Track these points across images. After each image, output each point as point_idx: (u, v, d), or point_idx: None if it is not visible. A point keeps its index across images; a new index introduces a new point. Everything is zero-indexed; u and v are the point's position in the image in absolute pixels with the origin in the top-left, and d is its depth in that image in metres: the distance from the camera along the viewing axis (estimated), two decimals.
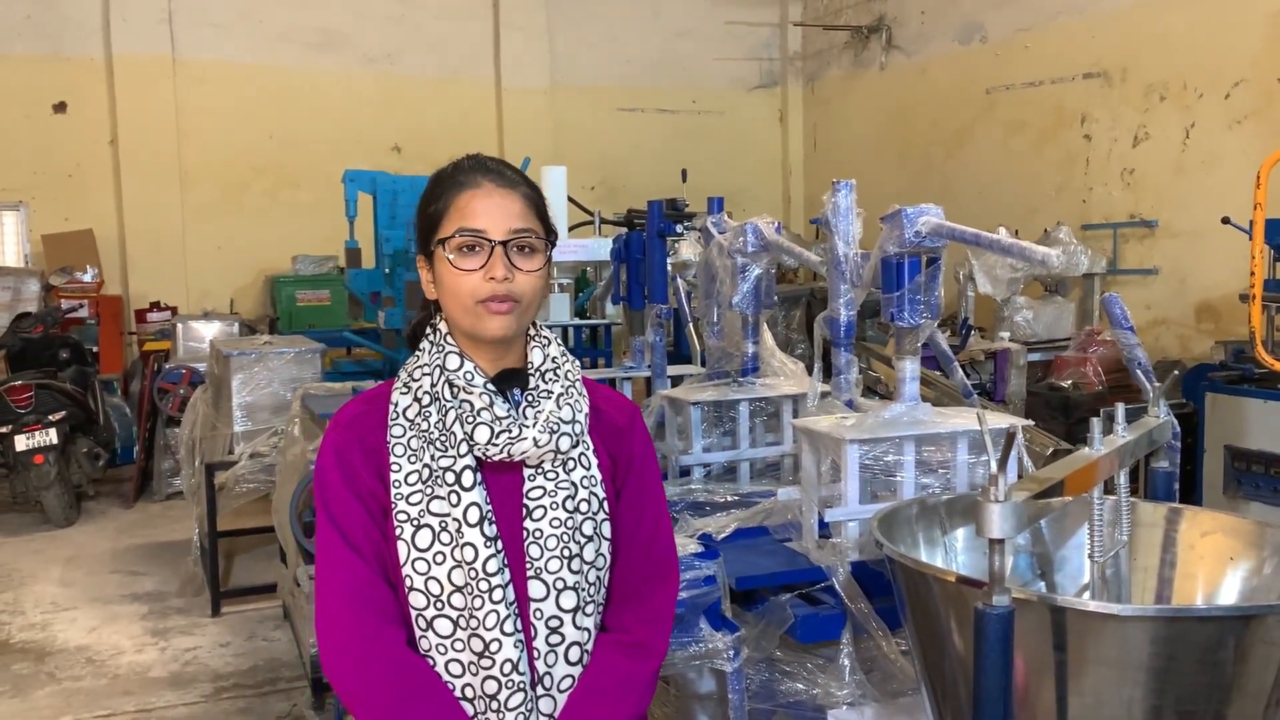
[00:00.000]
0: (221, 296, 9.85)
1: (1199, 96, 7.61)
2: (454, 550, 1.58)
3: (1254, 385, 5.49)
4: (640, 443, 1.77)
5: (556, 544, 1.61)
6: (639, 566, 1.71)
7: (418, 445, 1.62)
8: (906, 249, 2.52)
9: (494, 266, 1.59)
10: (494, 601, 1.57)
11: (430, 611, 1.58)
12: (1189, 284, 7.72)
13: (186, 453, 5.90)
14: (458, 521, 1.58)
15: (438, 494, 1.59)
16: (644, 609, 1.71)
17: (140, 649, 4.81)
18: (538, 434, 1.61)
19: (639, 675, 1.67)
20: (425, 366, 1.67)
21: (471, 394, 1.61)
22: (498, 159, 1.72)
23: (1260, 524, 2.08)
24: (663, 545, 1.75)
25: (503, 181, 1.65)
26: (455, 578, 1.58)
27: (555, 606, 1.61)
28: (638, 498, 1.73)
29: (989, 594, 1.52)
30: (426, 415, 1.63)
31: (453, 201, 1.64)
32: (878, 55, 10.81)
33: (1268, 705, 1.72)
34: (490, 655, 1.57)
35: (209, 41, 9.93)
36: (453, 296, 1.62)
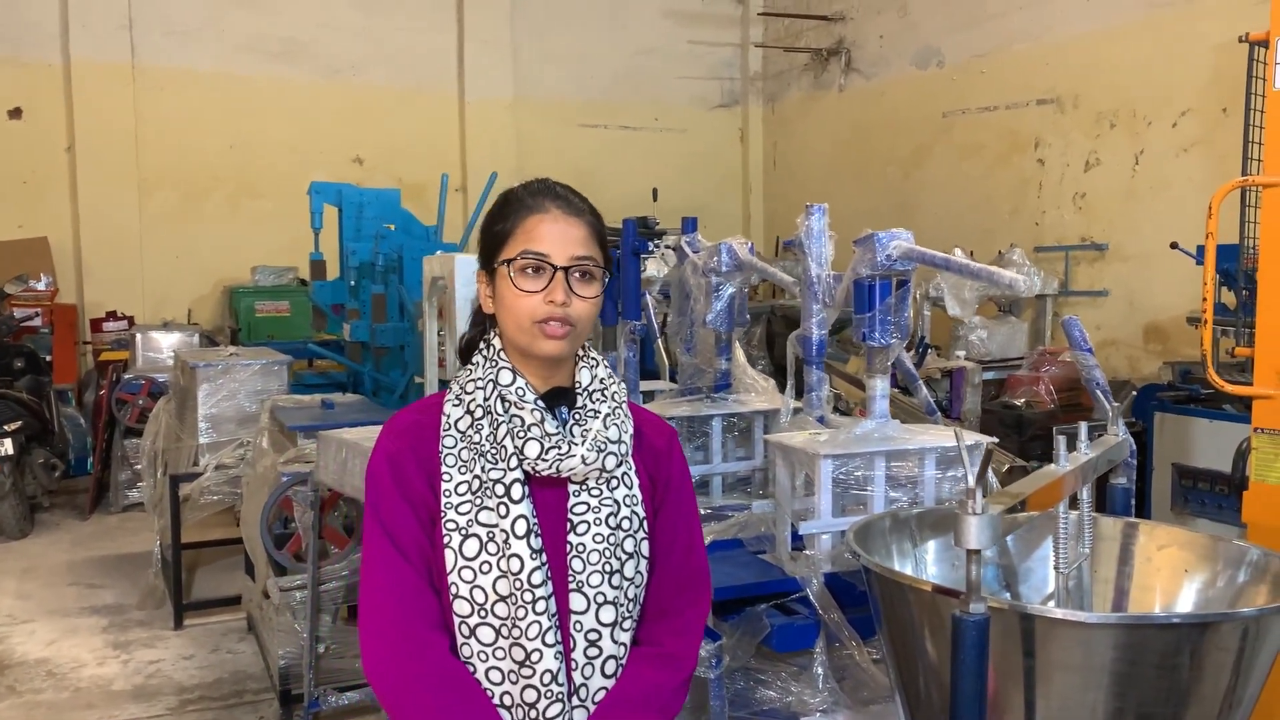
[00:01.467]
0: (179, 306, 9.76)
1: (1148, 124, 7.85)
2: (500, 561, 1.62)
3: (1201, 405, 5.67)
4: (678, 464, 1.84)
5: (599, 559, 1.66)
6: (673, 583, 1.77)
7: (469, 457, 1.66)
8: (878, 271, 2.62)
9: (554, 291, 1.64)
10: (537, 613, 1.61)
11: (474, 619, 1.62)
12: (1137, 306, 7.95)
13: (148, 464, 5.85)
14: (505, 533, 1.62)
15: (486, 505, 1.63)
16: (677, 623, 1.76)
17: (102, 662, 4.77)
18: (586, 452, 1.66)
19: (667, 686, 1.72)
20: (479, 380, 1.70)
21: (523, 410, 1.66)
22: (565, 185, 1.76)
23: (1213, 538, 2.20)
24: (696, 562, 1.81)
25: (569, 209, 1.71)
26: (500, 587, 1.62)
27: (595, 620, 1.66)
28: (674, 517, 1.79)
29: (966, 602, 1.60)
30: (479, 428, 1.67)
31: (520, 223, 1.69)
32: (837, 77, 11.00)
33: (1222, 709, 1.82)
34: (531, 665, 1.61)
35: (170, 49, 9.86)
36: (511, 314, 1.67)
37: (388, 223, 6.82)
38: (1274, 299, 2.63)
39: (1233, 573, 2.08)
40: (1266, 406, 2.65)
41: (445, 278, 4.48)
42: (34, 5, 9.38)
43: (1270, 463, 2.64)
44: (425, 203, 9.49)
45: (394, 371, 6.37)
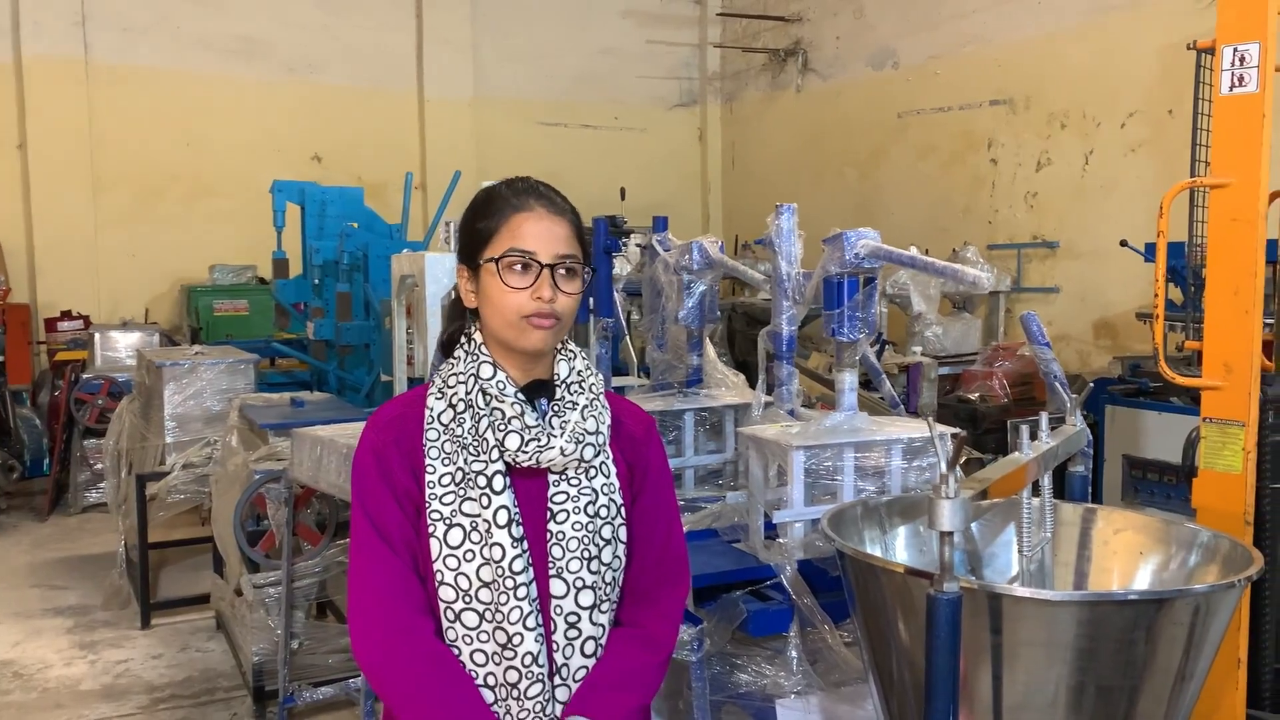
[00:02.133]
0: (135, 306, 9.65)
1: (1097, 125, 8.05)
2: (483, 549, 1.69)
3: (1150, 398, 5.85)
4: (656, 452, 1.90)
5: (578, 546, 1.73)
6: (655, 568, 1.84)
7: (451, 449, 1.72)
8: (846, 269, 2.71)
9: (541, 287, 1.70)
10: (518, 598, 1.68)
11: (459, 604, 1.69)
12: (1088, 302, 8.16)
13: (112, 464, 5.81)
14: (487, 523, 1.69)
15: (469, 496, 1.70)
16: (658, 607, 1.84)
17: (69, 662, 4.75)
18: (565, 444, 1.72)
19: (648, 665, 1.80)
20: (460, 374, 1.76)
21: (503, 403, 1.72)
22: (547, 184, 1.82)
23: (1167, 521, 2.32)
24: (676, 548, 1.89)
25: (553, 208, 1.76)
26: (483, 574, 1.68)
27: (574, 604, 1.73)
28: (654, 503, 1.86)
29: (940, 582, 1.70)
30: (461, 421, 1.73)
31: (505, 221, 1.74)
32: (794, 78, 11.14)
33: (1175, 681, 1.94)
34: (513, 648, 1.68)
35: (124, 46, 9.75)
36: (498, 310, 1.72)
37: (351, 221, 6.82)
38: (1220, 295, 2.76)
39: (1185, 554, 2.20)
40: (1214, 397, 2.77)
41: (415, 276, 4.51)
42: None
43: (1218, 450, 2.77)
44: (385, 201, 9.48)
45: (359, 370, 6.38)
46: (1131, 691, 1.93)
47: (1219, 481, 2.78)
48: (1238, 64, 2.67)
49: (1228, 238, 2.74)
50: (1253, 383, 2.72)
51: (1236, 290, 2.73)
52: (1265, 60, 2.64)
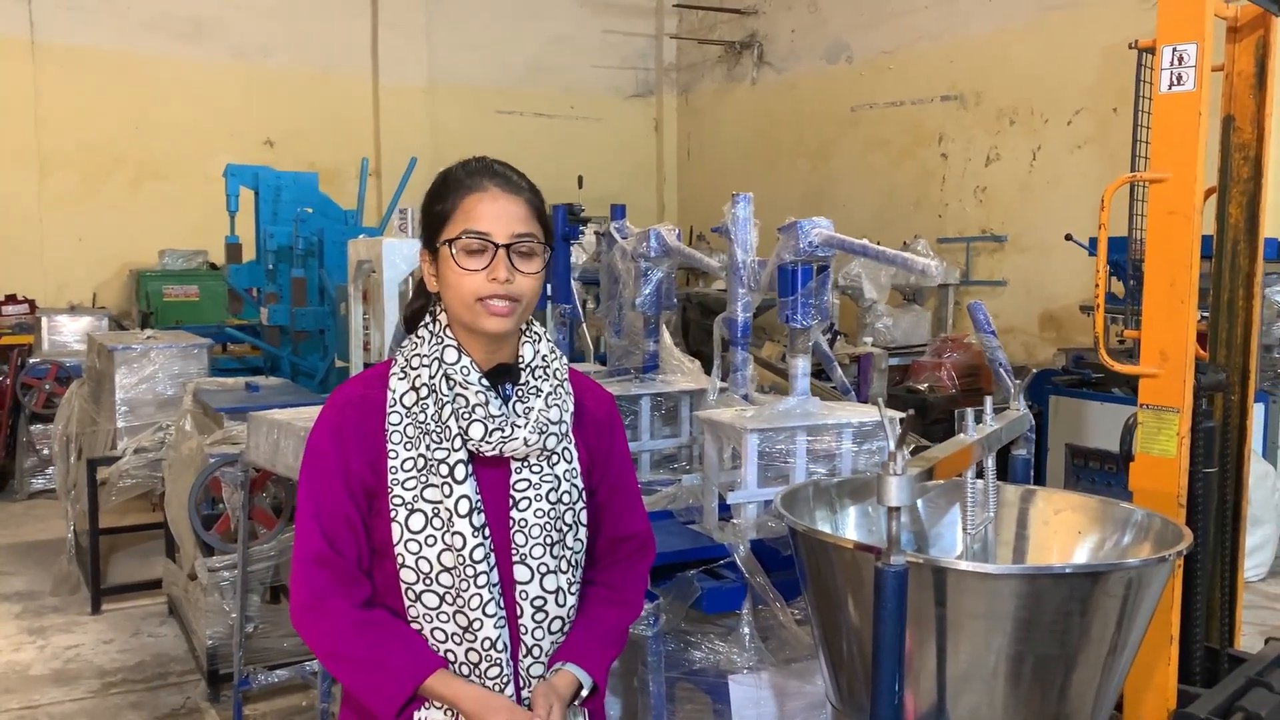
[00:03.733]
0: (83, 290, 9.51)
1: (1045, 122, 8.23)
2: (444, 535, 1.71)
3: (1092, 389, 6.02)
4: (619, 431, 1.95)
5: (540, 532, 1.75)
6: (628, 540, 1.92)
7: (414, 434, 1.72)
8: (800, 257, 2.78)
9: (496, 268, 1.68)
10: (479, 585, 1.70)
11: (419, 586, 1.72)
12: (1034, 295, 8.34)
13: (60, 449, 5.75)
14: (449, 511, 1.70)
15: (432, 483, 1.71)
16: (631, 573, 1.93)
17: (17, 648, 4.70)
18: (528, 434, 1.73)
19: (622, 624, 1.91)
20: (424, 356, 1.75)
21: (467, 390, 1.72)
22: (504, 163, 1.80)
23: (1104, 501, 2.41)
24: (642, 518, 1.97)
25: (508, 186, 1.74)
26: (444, 559, 1.71)
27: (539, 588, 1.76)
28: (621, 481, 1.93)
29: (887, 555, 1.77)
30: (424, 406, 1.73)
31: (460, 203, 1.72)
32: (749, 70, 11.23)
33: (1109, 651, 2.03)
34: (473, 632, 1.72)
35: (70, 25, 9.58)
36: (455, 293, 1.72)
37: (305, 206, 6.78)
38: (1157, 286, 2.86)
39: (1120, 532, 2.30)
40: (1151, 384, 2.88)
41: (372, 261, 4.52)
42: None
43: (1154, 435, 2.88)
44: (339, 187, 9.41)
45: (313, 356, 6.36)
46: (1068, 661, 2.01)
47: (1155, 465, 2.89)
48: (1176, 63, 2.77)
49: (1165, 230, 2.85)
50: (1187, 370, 2.84)
51: (1173, 281, 2.84)
52: (1202, 60, 2.74)
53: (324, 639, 1.73)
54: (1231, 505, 3.25)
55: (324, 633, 1.72)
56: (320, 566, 1.72)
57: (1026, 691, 2.00)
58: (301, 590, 1.74)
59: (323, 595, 1.72)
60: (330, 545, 1.72)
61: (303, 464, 1.78)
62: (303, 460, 1.79)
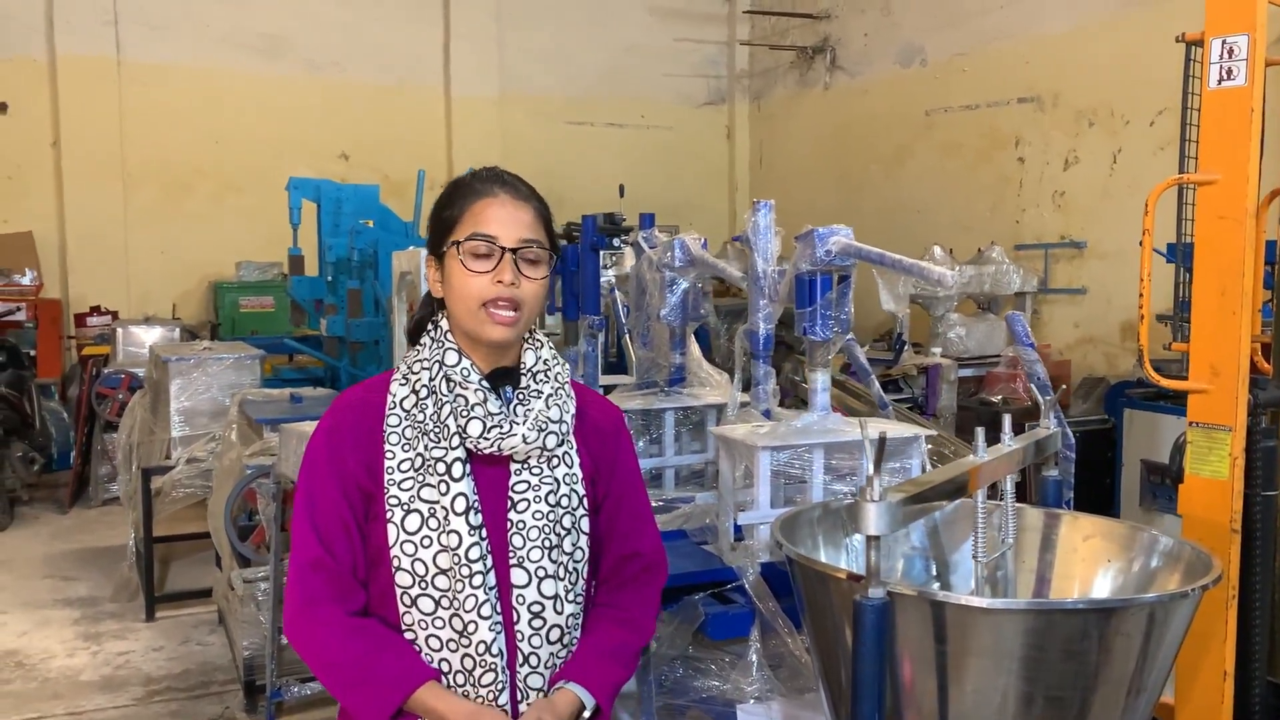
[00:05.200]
0: (163, 301, 9.78)
1: (1125, 123, 7.89)
2: (440, 536, 1.69)
3: (1168, 402, 5.71)
4: (626, 446, 1.92)
5: (538, 535, 1.73)
6: (635, 559, 1.88)
7: (412, 435, 1.72)
8: (818, 267, 2.66)
9: (503, 271, 1.71)
10: (474, 586, 1.68)
11: (415, 590, 1.70)
12: (1114, 304, 7.99)
13: (124, 458, 5.88)
14: (445, 510, 1.69)
15: (428, 482, 1.70)
16: (640, 594, 1.89)
17: (72, 653, 4.80)
18: (527, 431, 1.73)
19: (632, 646, 1.85)
20: (425, 360, 1.77)
21: (467, 390, 1.72)
22: (513, 174, 1.83)
23: (1134, 527, 2.24)
24: (653, 537, 1.93)
25: (516, 194, 1.78)
26: (440, 561, 1.69)
27: (537, 593, 1.73)
28: (628, 497, 1.89)
29: (865, 587, 1.64)
30: (423, 407, 1.73)
31: (469, 208, 1.75)
32: (822, 75, 11.04)
33: (1128, 693, 1.86)
34: (468, 635, 1.69)
35: (154, 44, 9.88)
36: (460, 297, 1.73)
37: (366, 218, 6.85)
38: (1206, 295, 2.67)
39: (1147, 560, 2.12)
40: (1201, 400, 2.68)
41: (413, 272, 4.51)
42: (18, 1, 9.40)
43: (1204, 456, 2.67)
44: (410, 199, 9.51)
45: (370, 366, 6.39)
46: (1082, 704, 1.86)
47: (1205, 488, 2.69)
48: (1225, 56, 2.58)
49: (1215, 236, 2.66)
50: (1240, 386, 2.63)
51: (1223, 291, 2.64)
52: (1254, 53, 2.54)
53: (314, 647, 1.71)
54: None
55: (315, 640, 1.71)
56: (315, 572, 1.71)
57: None
58: (295, 596, 1.72)
59: (316, 601, 1.70)
60: (326, 550, 1.71)
61: (301, 468, 1.77)
62: (301, 465, 1.78)
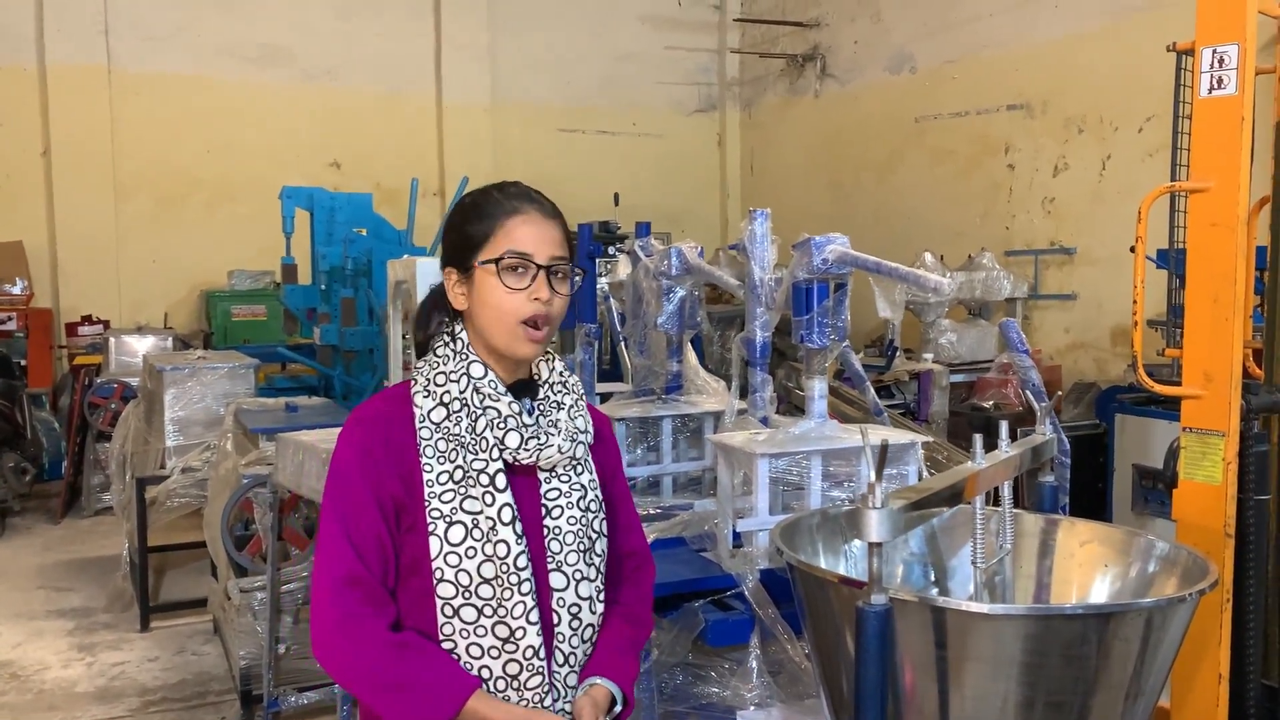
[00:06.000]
0: (156, 310, 9.77)
1: (1115, 130, 7.94)
2: (485, 546, 1.71)
3: (1160, 407, 5.73)
4: (615, 450, 2.01)
5: (574, 539, 1.78)
6: (630, 556, 1.95)
7: (446, 448, 1.74)
8: (815, 275, 2.68)
9: (539, 289, 1.74)
10: (522, 594, 1.71)
11: (458, 600, 1.71)
12: (1105, 309, 8.03)
13: (118, 467, 5.87)
14: (491, 520, 1.71)
15: (471, 494, 1.72)
16: (638, 590, 1.95)
17: (66, 664, 4.79)
18: (562, 442, 1.78)
19: (639, 640, 1.93)
20: (450, 373, 1.77)
21: (499, 402, 1.75)
22: (536, 189, 1.85)
23: (1130, 532, 2.25)
24: (640, 536, 2.01)
25: (545, 211, 1.80)
26: (485, 571, 1.70)
27: (575, 595, 1.78)
28: (622, 496, 1.97)
29: (868, 593, 1.66)
30: (457, 420, 1.74)
31: (501, 224, 1.75)
32: (812, 83, 11.08)
33: (1127, 697, 1.88)
34: (515, 641, 1.71)
35: (146, 53, 9.87)
36: (495, 313, 1.74)
37: (359, 227, 6.85)
38: (1199, 302, 2.69)
39: (1144, 565, 2.14)
40: (1194, 406, 2.70)
41: (408, 281, 4.51)
42: (8, 9, 9.39)
43: (1198, 461, 2.69)
44: (403, 207, 9.51)
45: (364, 375, 6.40)
46: (1082, 708, 1.87)
47: (1199, 492, 2.71)
48: (1216, 65, 2.61)
49: (1207, 243, 2.68)
50: (1233, 392, 2.65)
51: (1216, 297, 2.66)
52: (1245, 62, 2.57)
53: (357, 662, 1.69)
54: None
55: (354, 655, 1.69)
56: (352, 587, 1.70)
57: None
58: (331, 611, 1.70)
59: (355, 616, 1.69)
60: (362, 564, 1.71)
61: (328, 483, 1.77)
62: (328, 479, 1.77)
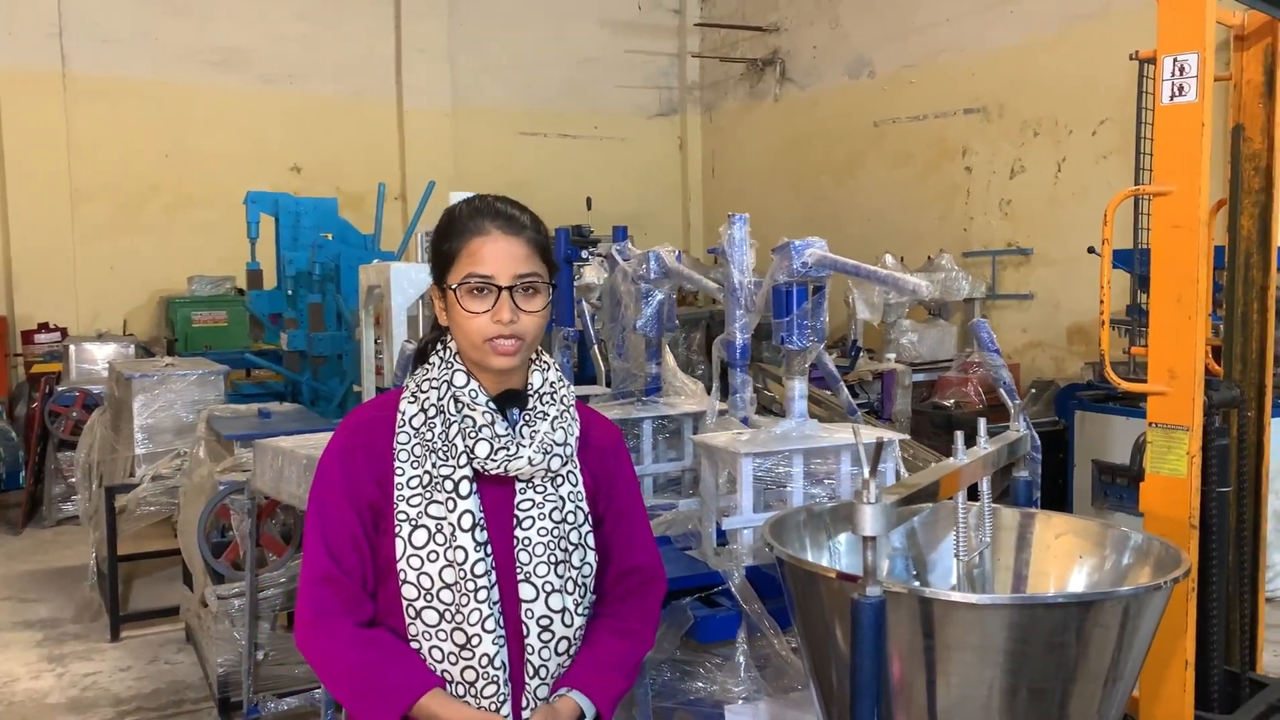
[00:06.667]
0: (114, 317, 9.65)
1: (1069, 133, 8.12)
2: (446, 551, 1.74)
3: (1118, 403, 5.89)
4: (625, 463, 1.98)
5: (544, 550, 1.78)
6: (635, 572, 1.93)
7: (420, 452, 1.77)
8: (795, 278, 2.74)
9: (500, 310, 1.73)
10: (478, 601, 1.73)
11: (420, 603, 1.74)
12: (1061, 308, 8.21)
13: (83, 476, 5.81)
14: (452, 526, 1.74)
15: (436, 499, 1.75)
16: (641, 606, 1.94)
17: (36, 675, 4.73)
18: (533, 454, 1.77)
19: (632, 656, 1.90)
20: (434, 380, 1.80)
21: (475, 411, 1.76)
22: (507, 199, 1.84)
23: (1104, 525, 2.34)
24: (651, 551, 1.97)
25: (509, 227, 1.77)
26: (445, 575, 1.74)
27: (545, 607, 1.78)
28: (628, 512, 1.94)
29: (863, 586, 1.72)
30: (431, 425, 1.78)
31: (464, 245, 1.76)
32: (772, 87, 11.20)
33: (1105, 682, 1.96)
34: (471, 648, 1.74)
35: (102, 57, 9.76)
36: (463, 334, 1.77)
37: (325, 232, 6.83)
38: (1163, 301, 2.79)
39: (1119, 557, 2.23)
40: (1159, 402, 2.81)
41: (381, 286, 4.53)
42: None
43: (1163, 455, 2.80)
44: (365, 211, 9.47)
45: (332, 380, 6.38)
46: (1063, 693, 1.94)
47: (1165, 485, 2.81)
48: (1177, 74, 2.71)
49: (1170, 245, 2.78)
50: (1196, 388, 2.76)
51: (1179, 297, 2.77)
52: (1204, 70, 2.68)
53: (323, 655, 1.76)
54: (1250, 525, 3.16)
55: (323, 649, 1.76)
56: (325, 585, 1.76)
57: None
58: (305, 608, 1.77)
59: (326, 613, 1.75)
60: (336, 564, 1.76)
61: (313, 484, 1.82)
62: (313, 481, 1.82)
